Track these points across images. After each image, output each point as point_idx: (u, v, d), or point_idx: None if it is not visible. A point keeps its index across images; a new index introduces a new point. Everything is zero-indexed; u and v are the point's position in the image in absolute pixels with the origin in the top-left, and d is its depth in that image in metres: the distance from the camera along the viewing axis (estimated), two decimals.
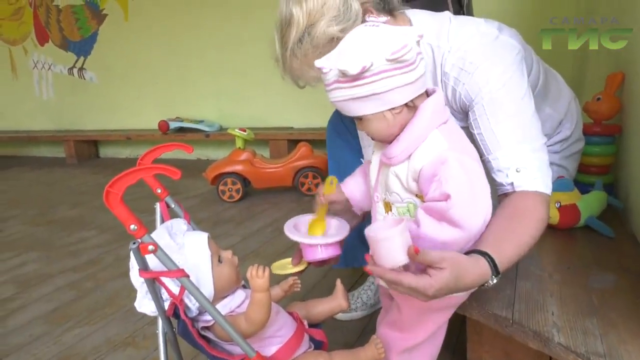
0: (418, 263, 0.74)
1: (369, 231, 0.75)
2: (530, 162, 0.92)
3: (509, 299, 0.90)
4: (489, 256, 0.79)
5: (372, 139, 0.88)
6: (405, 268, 0.75)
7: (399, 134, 0.81)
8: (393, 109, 0.79)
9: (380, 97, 0.77)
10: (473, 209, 0.77)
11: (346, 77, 0.76)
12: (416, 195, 0.83)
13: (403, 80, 0.76)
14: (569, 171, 1.34)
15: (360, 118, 0.82)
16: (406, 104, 0.79)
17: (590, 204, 1.23)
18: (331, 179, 1.02)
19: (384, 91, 0.76)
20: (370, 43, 0.76)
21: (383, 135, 0.83)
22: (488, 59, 0.96)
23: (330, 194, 1.03)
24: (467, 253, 0.79)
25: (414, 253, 0.71)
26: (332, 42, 0.91)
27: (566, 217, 1.19)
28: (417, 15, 1.08)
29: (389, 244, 0.72)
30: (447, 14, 1.07)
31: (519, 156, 0.92)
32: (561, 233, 1.20)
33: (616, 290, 0.92)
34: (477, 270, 0.77)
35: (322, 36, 0.91)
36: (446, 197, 0.75)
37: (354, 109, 0.80)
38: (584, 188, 1.33)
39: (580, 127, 1.36)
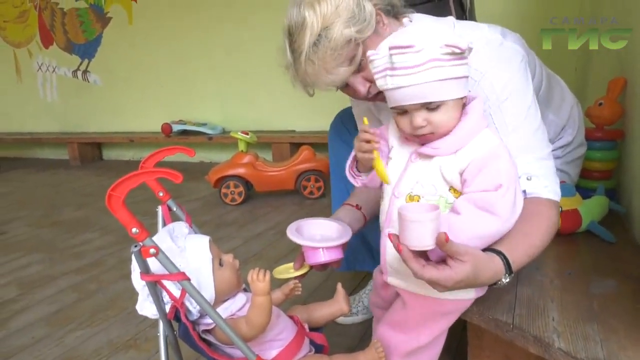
0: (438, 253, 0.75)
1: (404, 210, 0.74)
2: (540, 170, 0.94)
3: (510, 303, 0.90)
4: (503, 255, 0.81)
5: (425, 138, 0.83)
6: (422, 255, 0.76)
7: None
8: (464, 97, 0.82)
9: (464, 82, 0.81)
10: (515, 203, 0.80)
11: (450, 55, 0.75)
12: (449, 189, 0.84)
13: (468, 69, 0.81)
14: (570, 176, 1.34)
15: (436, 108, 0.79)
16: None
17: (591, 209, 1.22)
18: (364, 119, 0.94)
19: (467, 75, 0.80)
20: (446, 29, 0.80)
21: (449, 127, 0.82)
22: (494, 67, 0.96)
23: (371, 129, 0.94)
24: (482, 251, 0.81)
25: (443, 240, 0.71)
26: (350, 43, 0.92)
27: (568, 222, 1.19)
28: (421, 20, 1.09)
29: (421, 227, 0.72)
30: (450, 19, 1.07)
31: (529, 164, 0.92)
32: (563, 238, 1.19)
33: (617, 296, 0.92)
34: (493, 267, 0.79)
35: (340, 38, 0.90)
36: (497, 187, 0.78)
37: (443, 92, 0.78)
38: (586, 193, 1.33)
39: (583, 133, 1.36)
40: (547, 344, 0.78)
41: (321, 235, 1.06)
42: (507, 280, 0.81)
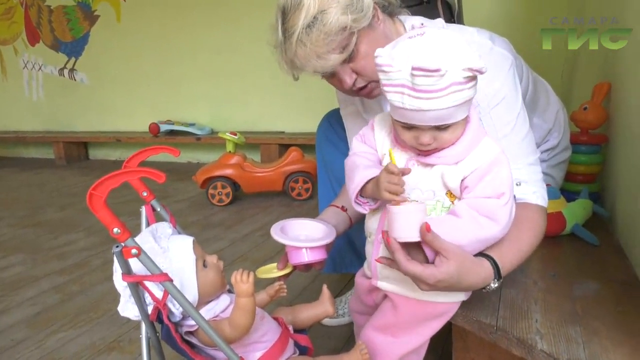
0: (429, 251, 0.76)
1: (392, 205, 0.77)
2: (529, 176, 0.95)
3: (494, 305, 0.91)
4: (493, 260, 0.81)
5: (428, 153, 0.82)
6: (414, 256, 0.77)
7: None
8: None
9: (472, 101, 0.78)
10: (512, 210, 0.81)
11: (468, 78, 0.72)
12: (446, 193, 0.83)
13: None
14: (555, 179, 1.35)
15: (447, 127, 0.77)
16: None
17: (576, 212, 1.24)
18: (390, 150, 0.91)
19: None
20: (464, 46, 0.75)
21: (453, 141, 0.80)
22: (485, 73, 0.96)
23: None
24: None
25: (425, 230, 0.73)
26: (344, 31, 0.90)
27: (552, 225, 1.20)
28: (410, 20, 1.09)
29: (406, 218, 0.75)
30: (440, 22, 1.07)
31: (518, 170, 0.93)
32: (547, 240, 1.19)
33: (599, 298, 0.93)
34: (482, 271, 0.80)
35: (336, 24, 0.89)
36: (499, 195, 0.79)
37: (458, 114, 0.76)
38: (570, 196, 1.34)
39: (568, 137, 1.38)
40: (529, 346, 0.78)
41: (305, 236, 1.05)
42: (496, 285, 0.82)
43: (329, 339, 1.43)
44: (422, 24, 0.84)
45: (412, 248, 0.78)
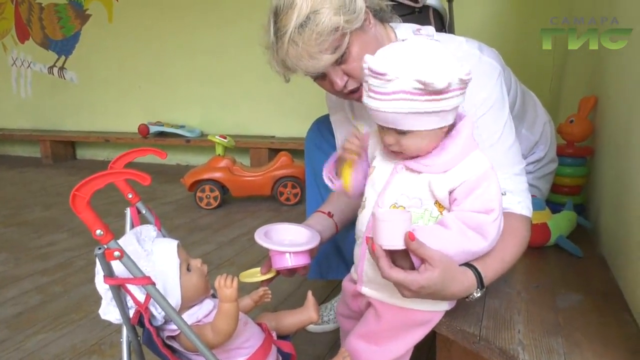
0: (415, 259, 0.76)
1: (378, 212, 0.79)
2: (514, 186, 0.95)
3: (478, 315, 0.91)
4: (476, 269, 0.82)
5: (398, 154, 0.84)
6: (400, 264, 0.78)
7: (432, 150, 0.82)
8: (443, 127, 0.80)
9: (444, 115, 0.77)
10: (500, 226, 0.82)
11: (422, 90, 0.73)
12: (434, 203, 0.84)
13: (459, 101, 0.78)
14: (541, 191, 1.37)
15: (404, 132, 0.78)
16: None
17: (560, 224, 1.25)
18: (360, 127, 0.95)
19: (449, 109, 0.77)
20: (447, 60, 0.75)
21: (422, 150, 0.81)
22: (472, 82, 0.96)
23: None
24: None
25: (409, 239, 0.73)
26: (336, 32, 0.91)
27: (537, 236, 1.21)
28: (400, 28, 1.10)
29: (392, 226, 0.75)
30: (430, 29, 1.08)
31: (503, 180, 0.93)
32: (531, 251, 1.21)
33: (582, 310, 0.93)
34: (465, 281, 0.80)
35: (328, 24, 0.89)
36: (489, 211, 0.79)
37: (413, 123, 0.77)
38: (555, 208, 1.35)
39: (554, 149, 1.39)
40: (511, 356, 0.78)
41: (289, 241, 1.05)
42: (479, 294, 0.83)
43: (313, 346, 1.42)
44: (419, 29, 0.86)
45: (399, 256, 0.78)
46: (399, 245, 0.75)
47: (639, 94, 1.08)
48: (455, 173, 0.81)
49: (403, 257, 0.79)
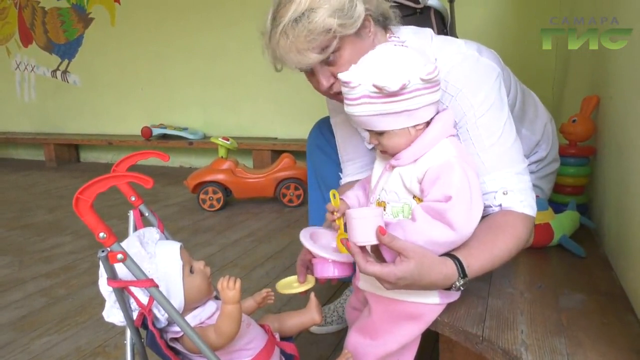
0: (392, 254, 0.79)
1: (350, 210, 0.82)
2: (516, 185, 0.95)
3: (480, 316, 0.91)
4: (457, 259, 0.83)
5: (385, 153, 0.91)
6: (376, 256, 0.83)
7: None
8: (417, 125, 0.86)
9: (411, 114, 0.83)
10: (468, 214, 0.83)
11: (380, 93, 0.80)
12: (413, 197, 0.87)
13: (430, 99, 0.84)
14: (543, 191, 1.36)
15: (381, 133, 0.86)
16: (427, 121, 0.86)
17: (563, 224, 1.24)
18: (333, 192, 0.98)
19: (415, 108, 0.83)
20: (405, 62, 0.82)
21: (400, 149, 0.87)
22: (471, 82, 0.97)
23: (338, 207, 0.98)
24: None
25: (380, 234, 0.77)
26: (328, 33, 0.92)
27: (540, 236, 1.21)
28: (400, 31, 1.10)
29: (363, 223, 0.78)
30: (429, 31, 1.08)
31: (505, 179, 0.94)
32: (534, 252, 1.21)
33: (585, 310, 0.93)
34: (443, 269, 0.81)
35: (321, 24, 0.91)
36: (447, 199, 0.81)
37: (381, 124, 0.85)
38: (558, 208, 1.35)
39: (556, 149, 1.39)
40: (515, 357, 0.78)
41: (334, 248, 1.00)
42: (461, 283, 0.83)
43: (316, 347, 1.42)
44: (390, 37, 0.95)
45: (379, 251, 0.82)
46: (372, 240, 0.78)
47: None
48: (421, 162, 0.85)
49: (386, 252, 0.82)
